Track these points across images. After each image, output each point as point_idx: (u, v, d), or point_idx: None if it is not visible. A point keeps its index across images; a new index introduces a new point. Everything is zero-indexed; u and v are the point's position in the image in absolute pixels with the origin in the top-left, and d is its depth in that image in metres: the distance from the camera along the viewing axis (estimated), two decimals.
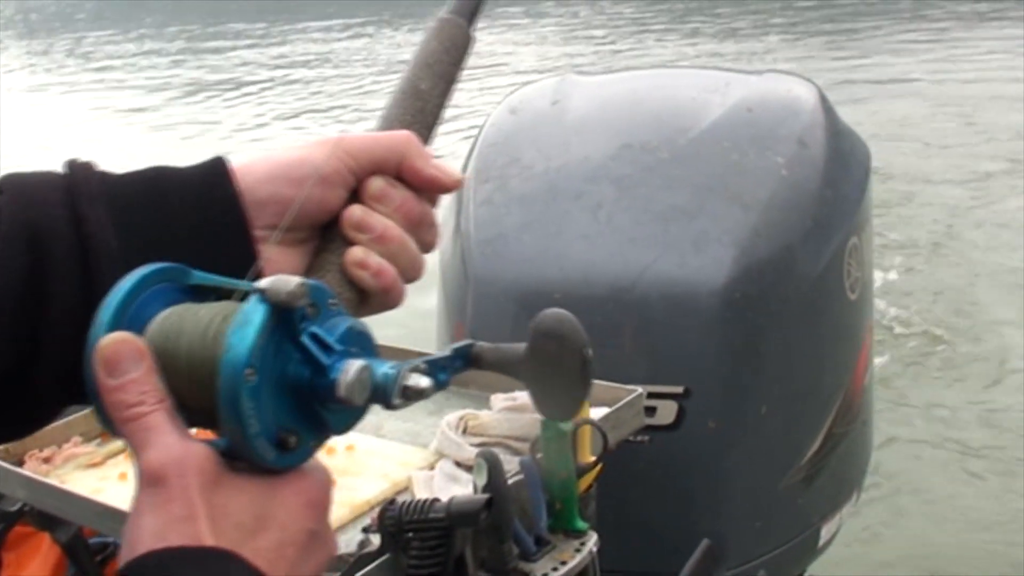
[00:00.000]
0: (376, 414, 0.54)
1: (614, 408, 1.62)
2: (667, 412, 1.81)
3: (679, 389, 1.80)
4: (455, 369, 0.64)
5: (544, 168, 1.95)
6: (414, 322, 2.13)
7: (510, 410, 1.57)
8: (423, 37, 0.78)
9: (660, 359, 1.84)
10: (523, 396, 1.62)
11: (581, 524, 1.47)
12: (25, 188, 0.64)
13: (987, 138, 8.19)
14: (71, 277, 0.62)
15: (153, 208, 0.65)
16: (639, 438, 1.77)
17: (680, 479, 1.84)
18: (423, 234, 0.69)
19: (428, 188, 0.69)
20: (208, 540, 0.51)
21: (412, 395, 0.57)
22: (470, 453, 1.51)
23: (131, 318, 0.57)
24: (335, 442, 1.65)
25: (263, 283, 0.53)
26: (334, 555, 0.59)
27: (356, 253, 0.66)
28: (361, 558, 1.34)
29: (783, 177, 1.96)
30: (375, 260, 0.66)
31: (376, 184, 0.68)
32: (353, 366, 0.54)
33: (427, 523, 1.30)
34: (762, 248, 1.87)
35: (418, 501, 1.31)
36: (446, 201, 2.21)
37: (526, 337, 0.64)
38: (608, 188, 1.90)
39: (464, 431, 1.55)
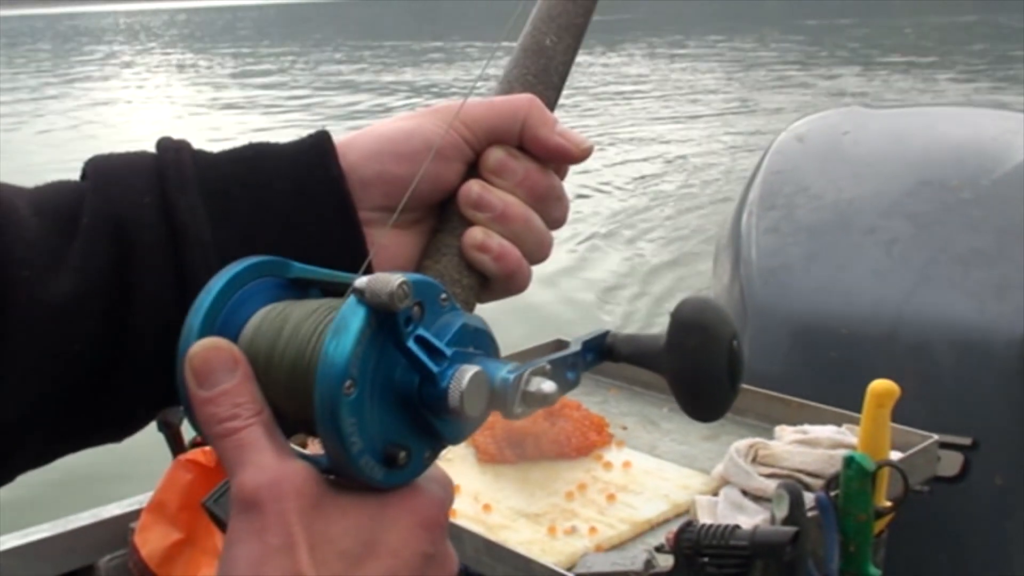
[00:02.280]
0: (650, 432, 0.48)
1: (908, 453, 1.55)
2: (951, 463, 1.71)
3: (967, 441, 1.71)
4: (587, 364, 0.57)
5: (835, 199, 1.90)
6: None
7: (801, 443, 1.53)
8: None
9: (946, 407, 1.76)
10: (814, 430, 1.57)
11: (874, 570, 1.41)
12: (110, 174, 0.57)
13: None
14: (161, 273, 0.56)
15: (250, 193, 0.58)
16: (920, 487, 1.69)
17: (961, 535, 1.75)
18: (550, 210, 0.61)
19: (554, 158, 0.61)
20: (309, 572, 0.45)
21: (535, 401, 0.50)
22: (760, 483, 1.48)
23: (225, 320, 0.51)
24: (612, 457, 1.68)
25: (361, 283, 0.47)
26: None
27: (475, 234, 0.59)
28: None
29: None
30: (497, 242, 0.59)
31: (495, 156, 0.60)
32: (467, 373, 0.48)
33: (728, 550, 1.27)
34: None
35: (718, 526, 1.28)
36: (724, 228, 2.18)
37: (809, 374, 0.59)
38: (904, 224, 1.83)
39: (753, 460, 1.51)
